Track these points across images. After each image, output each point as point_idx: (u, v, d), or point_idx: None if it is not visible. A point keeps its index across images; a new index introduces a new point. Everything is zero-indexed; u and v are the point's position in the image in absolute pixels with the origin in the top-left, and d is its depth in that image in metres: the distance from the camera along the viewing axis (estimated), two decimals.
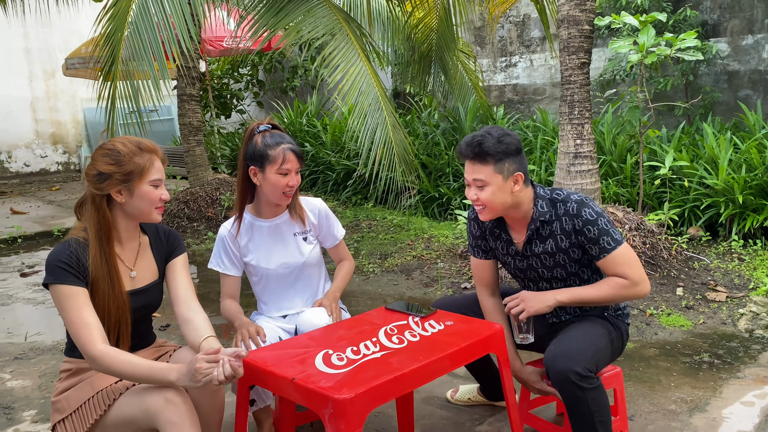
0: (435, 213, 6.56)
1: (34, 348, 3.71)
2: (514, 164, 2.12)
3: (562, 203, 2.17)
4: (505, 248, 2.31)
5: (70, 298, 1.86)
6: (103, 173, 1.89)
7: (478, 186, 2.13)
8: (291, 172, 2.32)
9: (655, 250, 4.34)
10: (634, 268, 2.12)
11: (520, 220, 2.24)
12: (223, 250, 2.44)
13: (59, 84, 11.62)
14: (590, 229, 2.12)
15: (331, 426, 1.64)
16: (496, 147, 2.08)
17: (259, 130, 2.36)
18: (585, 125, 4.46)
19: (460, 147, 2.13)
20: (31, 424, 2.78)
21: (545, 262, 2.24)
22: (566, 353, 2.02)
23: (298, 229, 2.49)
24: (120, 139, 1.94)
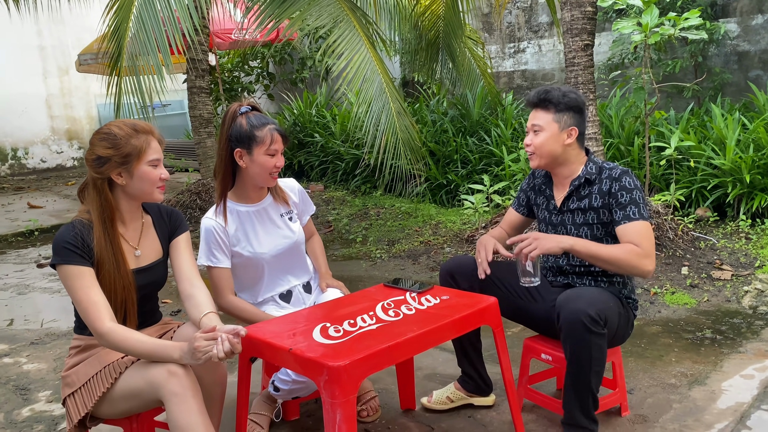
0: (443, 200, 6.59)
1: (50, 333, 3.81)
2: (573, 119, 2.29)
3: (608, 170, 2.30)
4: (545, 203, 2.45)
5: (77, 277, 1.93)
6: (101, 157, 1.95)
7: (535, 131, 2.31)
8: (278, 152, 2.32)
9: (661, 231, 4.34)
10: (648, 242, 2.17)
11: (565, 180, 2.37)
12: (214, 243, 2.34)
13: (73, 80, 11.78)
14: (623, 194, 2.23)
15: (326, 392, 1.70)
16: (560, 98, 2.27)
17: (242, 112, 2.33)
18: (589, 107, 4.46)
19: (529, 95, 2.34)
20: (45, 404, 2.88)
21: (575, 219, 2.34)
22: (581, 297, 2.09)
23: (284, 210, 2.50)
24: (116, 123, 2.00)
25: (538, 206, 2.51)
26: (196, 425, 1.82)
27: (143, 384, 1.90)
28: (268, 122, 2.32)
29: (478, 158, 6.53)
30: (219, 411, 2.08)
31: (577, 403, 2.14)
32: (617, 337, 2.31)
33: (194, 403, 1.84)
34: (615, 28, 4.49)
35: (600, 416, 2.43)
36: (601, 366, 2.11)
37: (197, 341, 1.81)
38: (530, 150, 2.34)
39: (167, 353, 1.86)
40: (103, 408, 1.99)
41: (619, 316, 2.24)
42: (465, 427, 2.45)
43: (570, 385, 2.14)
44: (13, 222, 7.32)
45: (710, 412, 2.43)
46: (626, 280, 2.35)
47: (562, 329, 2.10)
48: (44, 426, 2.67)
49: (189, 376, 1.88)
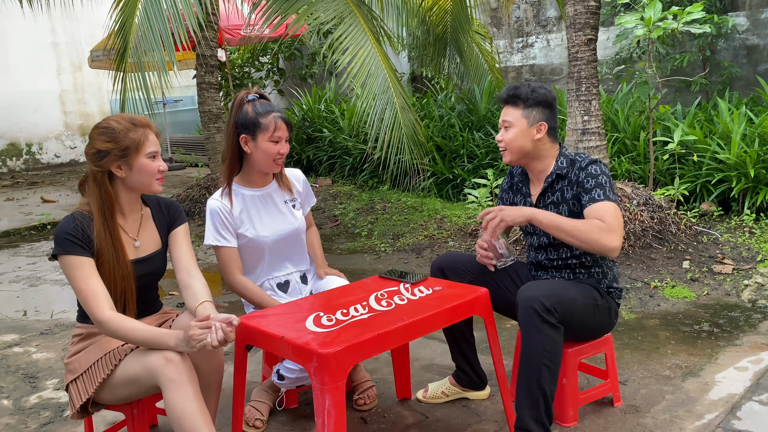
0: (449, 194, 6.62)
1: (59, 324, 3.90)
2: (542, 114, 2.33)
3: (579, 162, 2.33)
4: (522, 201, 2.48)
5: (77, 267, 1.99)
6: (101, 151, 2.02)
7: (505, 127, 2.36)
8: (282, 140, 2.39)
9: (663, 225, 4.35)
10: (611, 218, 2.16)
11: (540, 174, 2.40)
12: (219, 223, 2.43)
13: (86, 77, 11.92)
14: (588, 180, 2.27)
15: (316, 378, 1.75)
16: (528, 94, 2.32)
17: (248, 99, 2.42)
18: (592, 101, 4.47)
19: (500, 92, 2.40)
20: (53, 391, 2.96)
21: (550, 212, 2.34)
22: (539, 287, 2.13)
23: (288, 197, 2.58)
24: (114, 117, 2.06)
25: (516, 205, 2.51)
26: (191, 411, 1.88)
27: (141, 370, 1.96)
28: (273, 110, 2.39)
29: (485, 153, 6.54)
30: (216, 398, 2.14)
31: (528, 402, 2.07)
32: (600, 327, 2.35)
33: (190, 390, 1.89)
34: (618, 23, 4.50)
35: (592, 407, 2.48)
36: (553, 362, 2.06)
37: (192, 330, 1.87)
38: (502, 146, 2.38)
39: (164, 341, 1.92)
40: (103, 394, 2.06)
41: (594, 310, 2.26)
42: (459, 416, 2.49)
43: (521, 380, 2.10)
44: (27, 216, 7.45)
45: (702, 403, 2.46)
46: (606, 270, 2.36)
47: (518, 319, 2.13)
48: (51, 412, 2.75)
49: (185, 362, 1.93)
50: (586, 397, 2.41)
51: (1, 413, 2.78)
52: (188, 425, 1.87)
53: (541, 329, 2.04)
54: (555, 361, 2.07)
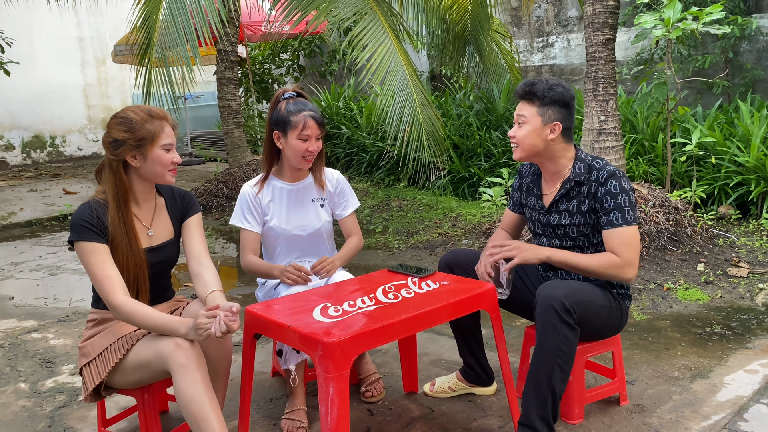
0: (465, 193, 6.62)
1: (77, 312, 3.99)
2: (557, 114, 2.27)
3: (597, 170, 2.28)
4: (534, 203, 2.46)
5: (92, 253, 2.05)
6: (117, 140, 2.07)
7: (519, 123, 2.32)
8: (311, 138, 2.46)
9: (679, 227, 4.32)
10: (628, 250, 2.19)
11: (553, 175, 2.37)
12: (246, 207, 2.57)
13: (109, 71, 12.10)
14: (607, 200, 2.23)
15: (320, 366, 1.78)
16: (545, 92, 2.26)
17: (284, 97, 2.52)
18: (609, 102, 4.45)
19: (517, 86, 2.34)
20: (68, 376, 3.03)
21: (562, 221, 2.35)
22: (559, 287, 2.12)
23: (317, 195, 2.64)
24: (132, 108, 2.11)
25: (527, 206, 2.50)
26: (200, 396, 1.92)
27: (152, 355, 2.01)
28: (305, 108, 2.47)
29: (502, 152, 6.54)
30: (224, 386, 2.19)
31: (535, 399, 2.07)
32: (610, 328, 2.34)
33: (199, 375, 1.94)
34: (637, 23, 4.47)
35: (598, 405, 2.48)
36: (566, 362, 2.07)
37: (199, 318, 1.91)
38: (514, 141, 2.34)
39: (174, 328, 1.97)
40: (116, 378, 2.11)
41: (608, 311, 2.26)
42: (464, 411, 2.51)
43: (531, 376, 2.09)
44: (49, 207, 7.60)
45: (709, 404, 2.45)
46: None
47: (535, 316, 2.12)
48: (66, 396, 2.82)
49: (194, 348, 1.98)
50: (592, 396, 2.42)
51: (19, 395, 2.85)
52: (196, 410, 1.91)
53: (558, 329, 2.05)
54: (568, 362, 2.08)
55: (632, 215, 2.22)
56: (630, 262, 2.19)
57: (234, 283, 4.48)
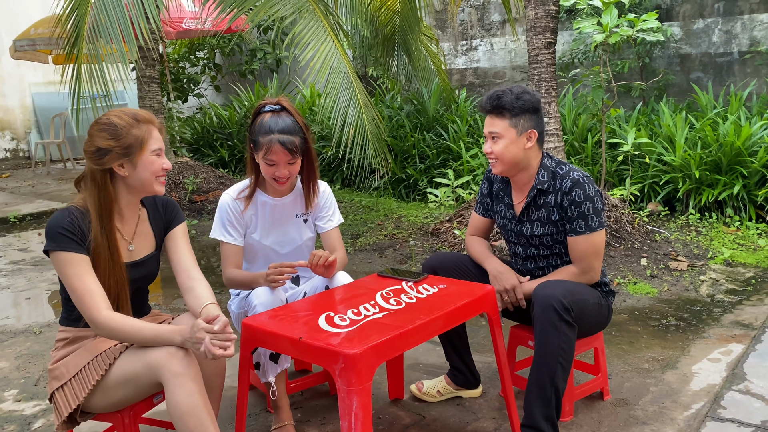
0: (402, 194, 6.63)
1: (5, 331, 3.62)
2: (530, 121, 2.26)
3: (560, 178, 2.29)
4: (504, 211, 2.44)
5: (72, 264, 1.85)
6: (101, 149, 1.88)
7: (493, 138, 2.27)
8: (278, 164, 2.25)
9: (619, 224, 4.51)
10: (586, 259, 2.26)
11: (524, 185, 2.37)
12: (227, 219, 2.38)
13: (6, 68, 11.16)
14: (572, 209, 2.26)
15: (342, 380, 1.69)
16: (514, 102, 2.22)
17: (264, 110, 2.30)
18: (551, 104, 4.59)
19: (482, 101, 2.29)
20: (14, 403, 2.74)
21: (535, 230, 2.36)
22: (556, 286, 2.14)
23: (300, 211, 2.49)
24: (115, 113, 1.92)
25: (496, 213, 2.50)
26: (198, 407, 1.78)
27: (141, 367, 1.84)
28: (274, 131, 2.22)
29: (436, 153, 6.60)
30: (217, 402, 2.04)
31: (540, 400, 2.07)
32: (599, 324, 2.40)
33: (195, 386, 1.79)
34: (576, 27, 4.63)
35: (583, 401, 2.53)
36: (567, 361, 2.09)
37: (199, 332, 1.77)
38: (492, 158, 2.30)
39: (169, 338, 1.82)
40: (95, 399, 1.91)
41: (599, 306, 2.31)
42: (455, 415, 2.48)
43: (534, 378, 2.09)
44: None
45: (685, 394, 2.56)
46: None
47: (534, 317, 2.12)
48: (16, 426, 2.54)
49: (189, 357, 1.83)
50: (580, 392, 2.46)
51: None
52: (194, 423, 1.77)
53: (559, 328, 2.06)
54: (569, 360, 2.09)
55: (597, 221, 2.26)
56: (589, 268, 2.28)
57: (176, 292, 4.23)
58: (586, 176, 2.29)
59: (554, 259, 2.40)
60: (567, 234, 2.30)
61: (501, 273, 2.37)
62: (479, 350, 3.02)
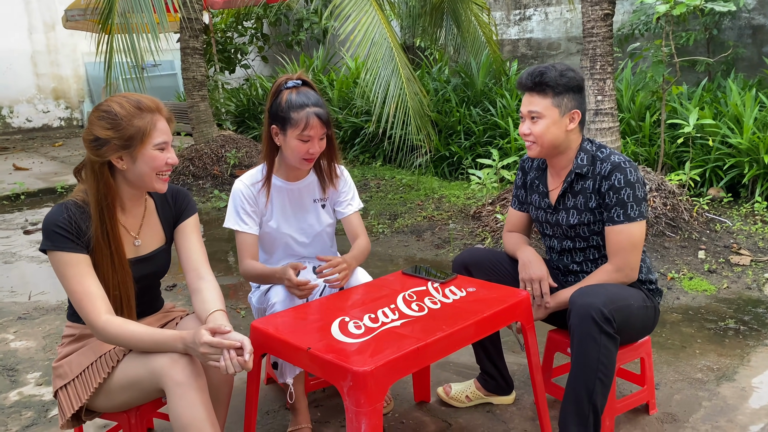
0: (445, 173, 6.40)
1: (38, 308, 3.63)
2: (573, 101, 2.07)
3: (600, 162, 2.09)
4: (539, 201, 2.26)
5: (69, 265, 1.73)
6: (100, 138, 1.72)
7: (533, 118, 2.08)
8: (313, 138, 2.12)
9: (676, 212, 4.19)
10: (622, 253, 2.05)
11: (561, 169, 2.18)
12: (241, 207, 2.23)
13: (59, 37, 11.35)
14: (610, 195, 2.06)
15: (350, 399, 1.54)
16: (558, 80, 2.04)
17: (287, 86, 2.15)
18: (607, 80, 4.27)
19: (521, 77, 2.10)
20: (35, 387, 2.71)
21: (571, 219, 2.15)
22: (596, 293, 1.93)
23: (318, 196, 2.33)
24: (117, 99, 1.75)
25: (532, 205, 2.30)
26: (200, 420, 1.65)
27: (143, 372, 1.73)
28: (309, 104, 2.09)
29: (483, 130, 6.32)
30: (225, 411, 1.92)
31: (575, 418, 1.90)
32: (646, 329, 2.17)
33: (198, 396, 1.67)
34: None
35: (626, 415, 2.31)
36: (607, 376, 1.90)
37: (202, 347, 1.62)
38: (530, 140, 2.10)
39: (170, 345, 1.69)
40: (99, 400, 1.82)
41: (645, 311, 2.09)
42: (484, 424, 2.31)
43: (570, 393, 1.92)
44: None
45: (743, 412, 2.31)
46: (641, 265, 2.15)
47: (571, 327, 1.92)
48: (34, 412, 2.51)
49: (194, 364, 1.70)
50: (623, 406, 2.24)
51: None
52: None
53: (598, 340, 1.85)
54: (609, 374, 1.89)
55: (637, 210, 2.04)
56: (624, 264, 2.05)
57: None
58: (629, 161, 2.08)
59: (591, 253, 2.18)
60: (604, 223, 2.09)
61: (531, 262, 2.18)
62: (514, 350, 2.82)
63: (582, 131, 2.15)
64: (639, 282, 2.15)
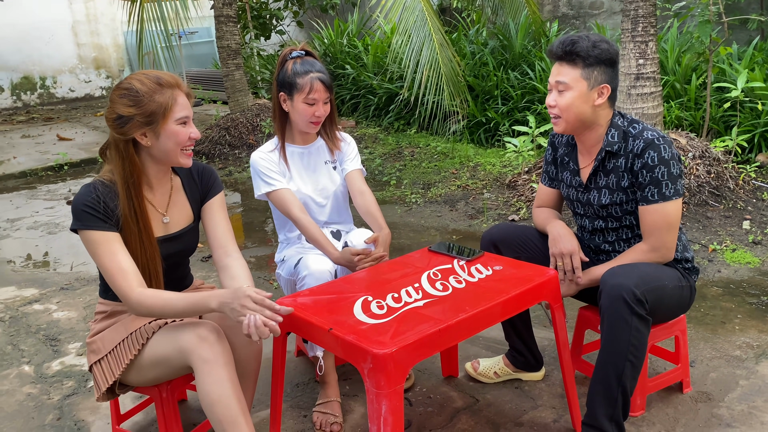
0: (481, 139, 6.28)
1: (80, 278, 3.74)
2: (604, 75, 1.98)
3: (633, 139, 2.00)
4: (570, 179, 2.19)
5: (101, 243, 1.77)
6: (122, 116, 1.75)
7: (560, 90, 2.01)
8: (318, 102, 2.29)
9: (720, 180, 4.04)
10: (657, 233, 1.97)
11: (592, 147, 2.10)
12: (265, 168, 2.34)
13: (99, 6, 11.46)
14: (643, 173, 1.97)
15: (370, 381, 1.54)
16: (589, 50, 1.96)
17: (291, 56, 2.34)
18: (649, 43, 4.09)
19: (552, 45, 2.03)
20: (75, 357, 2.80)
21: (603, 199, 2.08)
22: (628, 274, 1.87)
23: (328, 158, 2.47)
24: (137, 76, 1.78)
25: (562, 182, 2.23)
26: (227, 396, 1.69)
27: (172, 350, 1.77)
28: (313, 70, 2.28)
29: (521, 94, 6.16)
30: (253, 386, 1.95)
31: (604, 400, 1.87)
32: (681, 308, 2.11)
33: (225, 373, 1.70)
34: None
35: (659, 393, 2.27)
36: (638, 358, 1.85)
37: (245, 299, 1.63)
38: (555, 112, 2.03)
39: (204, 304, 1.72)
40: (131, 376, 1.88)
41: (680, 291, 2.02)
42: (512, 400, 2.30)
43: (599, 374, 1.88)
44: (43, 155, 7.25)
45: None
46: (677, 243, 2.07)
47: (602, 308, 1.87)
48: (74, 382, 2.60)
49: (221, 342, 1.73)
50: (655, 385, 2.20)
51: (23, 381, 2.63)
52: (222, 413, 1.68)
53: (629, 322, 1.81)
54: (639, 356, 1.85)
55: (672, 188, 1.95)
56: (659, 245, 1.97)
57: (242, 243, 4.22)
58: (663, 137, 1.98)
59: (624, 232, 2.11)
60: (638, 203, 2.01)
61: (561, 236, 2.11)
62: (545, 324, 2.78)
63: (612, 107, 2.05)
64: (674, 261, 2.07)
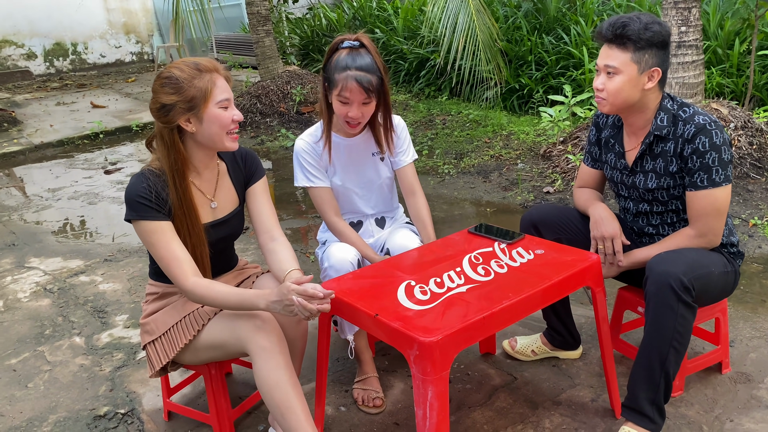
0: (514, 106, 6.21)
1: (122, 250, 3.84)
2: (655, 58, 1.93)
3: (683, 123, 1.96)
4: (615, 161, 2.16)
5: (154, 233, 1.83)
6: (165, 105, 1.79)
7: (608, 73, 1.96)
8: (352, 102, 2.10)
9: (763, 152, 3.95)
10: (704, 219, 1.94)
11: (639, 130, 2.06)
12: (307, 163, 2.28)
13: None
14: (693, 159, 1.94)
15: (417, 367, 1.58)
16: (641, 33, 1.90)
17: (342, 46, 2.14)
18: (692, 9, 3.97)
19: (601, 26, 1.97)
20: (123, 329, 2.91)
21: (649, 183, 2.05)
22: (675, 261, 1.86)
23: (376, 149, 2.34)
24: (175, 65, 1.82)
25: (606, 164, 2.20)
26: (284, 382, 1.77)
27: (228, 336, 1.85)
28: (353, 67, 2.07)
29: (555, 60, 6.05)
30: (299, 365, 2.03)
31: (646, 384, 1.89)
32: (724, 293, 2.09)
33: (282, 359, 1.79)
34: None
35: (698, 374, 2.28)
36: (682, 344, 1.86)
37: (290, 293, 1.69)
38: (602, 96, 1.99)
39: (252, 304, 1.79)
40: (185, 356, 1.97)
41: (725, 277, 2.01)
42: (550, 378, 2.33)
43: (642, 359, 1.89)
44: (78, 123, 7.37)
45: None
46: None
47: (647, 294, 1.87)
48: (124, 354, 2.70)
49: (276, 331, 1.82)
50: (694, 366, 2.21)
51: (75, 352, 2.75)
52: (280, 398, 1.77)
53: (675, 309, 1.81)
54: (684, 342, 1.85)
55: (723, 174, 1.92)
56: (707, 230, 1.95)
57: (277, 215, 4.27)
58: (715, 122, 1.94)
59: (669, 216, 2.09)
60: (686, 188, 1.98)
61: (603, 219, 2.10)
62: (582, 301, 2.80)
63: (662, 89, 2.01)
64: (720, 245, 2.05)
